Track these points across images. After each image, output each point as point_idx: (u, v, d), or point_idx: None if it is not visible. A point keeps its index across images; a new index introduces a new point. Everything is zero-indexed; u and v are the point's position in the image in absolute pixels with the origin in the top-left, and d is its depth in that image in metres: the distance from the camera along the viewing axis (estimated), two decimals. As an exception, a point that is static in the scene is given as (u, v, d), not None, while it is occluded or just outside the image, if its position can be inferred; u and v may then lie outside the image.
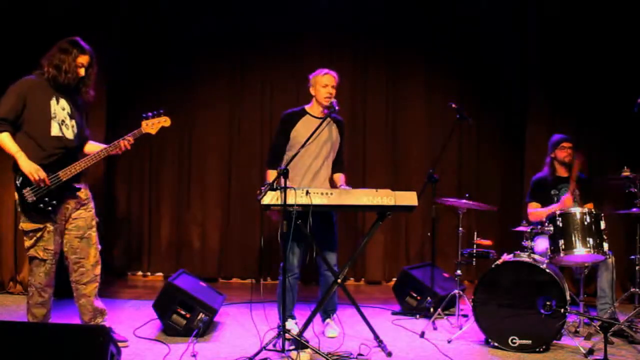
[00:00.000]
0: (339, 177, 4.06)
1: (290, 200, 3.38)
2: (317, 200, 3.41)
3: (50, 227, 3.41)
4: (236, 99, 6.11)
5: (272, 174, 3.73)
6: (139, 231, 6.09)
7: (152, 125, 3.62)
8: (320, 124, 3.71)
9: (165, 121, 3.67)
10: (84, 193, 3.56)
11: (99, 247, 3.63)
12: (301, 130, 3.85)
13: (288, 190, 3.37)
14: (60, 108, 3.46)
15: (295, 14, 6.00)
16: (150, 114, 3.63)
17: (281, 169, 3.41)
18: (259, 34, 6.02)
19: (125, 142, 3.53)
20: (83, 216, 3.54)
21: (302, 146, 3.68)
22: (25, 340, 2.68)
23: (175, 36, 6.00)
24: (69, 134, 3.48)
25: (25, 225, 3.41)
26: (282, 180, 3.39)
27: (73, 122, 3.51)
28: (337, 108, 3.77)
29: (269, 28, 6.02)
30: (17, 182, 3.34)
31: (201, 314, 3.86)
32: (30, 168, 3.29)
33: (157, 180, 6.13)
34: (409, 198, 3.54)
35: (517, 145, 5.92)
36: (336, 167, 4.06)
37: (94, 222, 3.60)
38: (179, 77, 6.03)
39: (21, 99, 3.36)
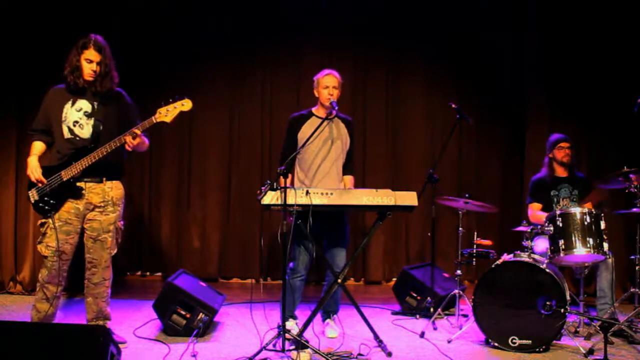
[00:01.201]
0: (348, 180, 4.05)
1: (290, 201, 3.38)
2: (317, 200, 3.41)
3: (52, 224, 3.44)
4: (236, 99, 6.11)
5: None
6: (139, 231, 6.08)
7: (166, 112, 3.39)
8: (320, 124, 3.71)
9: (182, 105, 3.39)
10: (100, 195, 3.51)
11: (113, 251, 3.59)
12: (307, 132, 3.84)
13: (288, 190, 3.38)
14: (74, 110, 3.49)
15: (296, 14, 6.00)
16: (170, 100, 3.43)
17: (281, 169, 3.42)
18: (259, 34, 6.03)
19: (128, 137, 3.39)
20: (98, 219, 3.52)
21: (302, 146, 3.69)
22: (25, 340, 2.68)
23: (175, 36, 5.99)
24: (84, 134, 3.49)
25: (39, 220, 3.54)
26: (282, 180, 3.39)
27: (92, 120, 3.49)
28: (335, 108, 3.77)
29: (269, 28, 6.02)
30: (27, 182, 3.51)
31: (201, 314, 3.86)
32: (29, 169, 3.46)
33: (157, 180, 6.13)
34: (409, 198, 3.54)
35: (517, 145, 5.92)
36: (345, 169, 4.04)
37: (111, 227, 3.54)
38: (179, 77, 6.01)
39: (44, 111, 3.56)
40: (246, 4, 6.00)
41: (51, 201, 3.43)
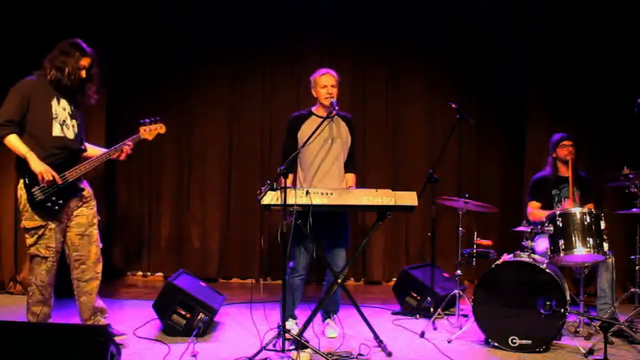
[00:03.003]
0: (350, 178, 4.05)
1: (290, 201, 3.38)
2: (317, 200, 3.41)
3: (52, 225, 3.44)
4: (236, 99, 6.11)
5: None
6: (139, 231, 6.09)
7: (149, 131, 3.73)
8: (320, 123, 3.71)
9: (160, 128, 3.77)
10: (86, 191, 3.60)
11: (100, 244, 3.66)
12: (306, 131, 3.84)
13: (288, 190, 3.38)
14: (61, 108, 3.50)
15: (296, 14, 6.00)
16: (147, 120, 3.72)
17: (281, 168, 3.42)
18: (259, 34, 6.02)
19: (127, 147, 3.60)
20: (84, 213, 3.57)
21: (302, 146, 3.69)
22: (25, 340, 2.68)
23: (175, 37, 5.99)
24: (70, 134, 3.52)
25: (27, 223, 3.43)
26: (282, 180, 3.39)
27: (74, 122, 3.55)
28: (336, 108, 3.77)
29: (269, 28, 6.02)
30: (26, 180, 3.37)
31: (201, 314, 3.86)
32: (41, 168, 3.33)
33: (157, 180, 6.13)
34: (409, 198, 3.54)
35: (517, 145, 5.92)
36: (347, 167, 4.04)
37: (95, 220, 3.63)
38: (179, 77, 6.03)
39: (25, 100, 3.41)
40: (246, 4, 5.99)
41: (60, 201, 3.43)
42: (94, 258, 3.60)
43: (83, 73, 3.51)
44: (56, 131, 3.46)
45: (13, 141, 3.36)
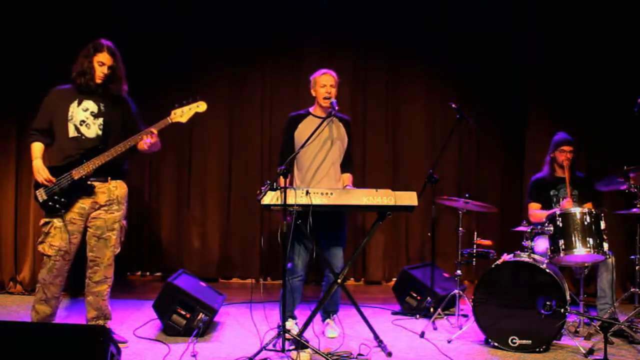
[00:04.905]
0: (347, 178, 4.06)
1: (290, 201, 3.38)
2: (317, 200, 3.41)
3: (57, 223, 3.47)
4: (236, 99, 6.11)
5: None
6: (139, 231, 6.08)
7: (181, 113, 3.53)
8: (321, 123, 3.71)
9: (198, 107, 3.56)
10: (106, 194, 3.56)
11: (117, 250, 3.64)
12: (303, 130, 3.86)
13: (288, 190, 3.38)
14: (81, 110, 3.54)
15: (296, 14, 6.00)
16: (184, 102, 3.57)
17: (281, 168, 3.42)
18: (259, 34, 6.03)
19: (145, 135, 3.47)
20: (102, 217, 3.56)
21: (302, 146, 3.69)
22: (25, 340, 2.68)
23: (175, 36, 5.99)
24: (90, 133, 3.53)
25: (41, 220, 3.55)
26: (282, 180, 3.40)
27: (100, 120, 3.55)
28: (336, 108, 3.78)
29: (269, 28, 6.02)
30: (33, 184, 3.53)
31: (201, 314, 3.87)
32: (35, 171, 3.48)
33: (157, 180, 6.13)
34: (409, 198, 3.54)
35: (517, 145, 5.92)
36: (343, 167, 4.05)
37: (115, 225, 3.59)
38: (179, 77, 6.02)
39: (48, 110, 3.57)
40: (246, 4, 5.99)
41: (62, 200, 3.46)
42: (107, 262, 3.60)
43: (103, 69, 3.52)
44: (71, 133, 3.52)
45: (33, 148, 3.56)
